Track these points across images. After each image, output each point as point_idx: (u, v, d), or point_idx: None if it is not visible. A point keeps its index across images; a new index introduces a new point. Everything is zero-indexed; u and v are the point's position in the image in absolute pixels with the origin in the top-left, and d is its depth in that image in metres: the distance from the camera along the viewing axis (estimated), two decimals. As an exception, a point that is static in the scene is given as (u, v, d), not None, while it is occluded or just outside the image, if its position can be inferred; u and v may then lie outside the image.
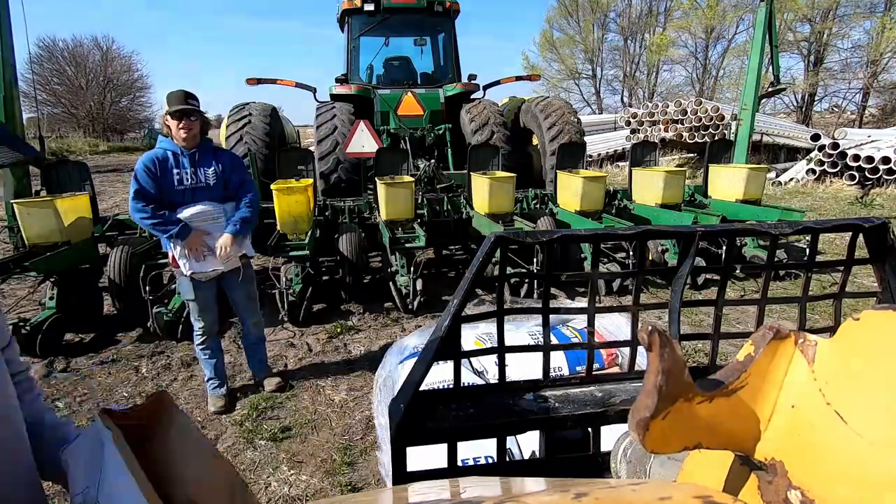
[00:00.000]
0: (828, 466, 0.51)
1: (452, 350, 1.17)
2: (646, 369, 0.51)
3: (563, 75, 29.49)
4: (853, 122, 19.63)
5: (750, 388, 0.57)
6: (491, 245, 1.06)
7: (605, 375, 1.33)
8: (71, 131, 30.84)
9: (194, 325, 3.01)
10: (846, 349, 0.55)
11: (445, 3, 7.18)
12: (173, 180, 2.75)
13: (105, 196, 11.49)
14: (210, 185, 2.83)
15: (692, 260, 1.18)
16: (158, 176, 2.72)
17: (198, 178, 2.80)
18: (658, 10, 26.59)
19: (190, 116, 2.71)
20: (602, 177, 5.40)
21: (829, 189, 11.10)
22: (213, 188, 2.85)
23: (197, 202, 2.80)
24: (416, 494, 0.62)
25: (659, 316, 4.20)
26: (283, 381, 3.32)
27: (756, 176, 5.61)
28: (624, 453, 0.96)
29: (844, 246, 1.29)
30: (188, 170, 2.77)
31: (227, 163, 2.90)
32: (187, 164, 2.77)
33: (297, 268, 4.43)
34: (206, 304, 2.97)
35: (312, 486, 2.42)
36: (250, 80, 7.08)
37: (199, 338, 3.02)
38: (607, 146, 16.98)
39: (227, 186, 2.91)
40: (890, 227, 1.12)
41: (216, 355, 3.11)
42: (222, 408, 3.05)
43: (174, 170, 2.75)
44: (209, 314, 3.00)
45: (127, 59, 34.96)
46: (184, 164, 2.77)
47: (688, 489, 0.46)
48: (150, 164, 2.70)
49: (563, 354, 2.42)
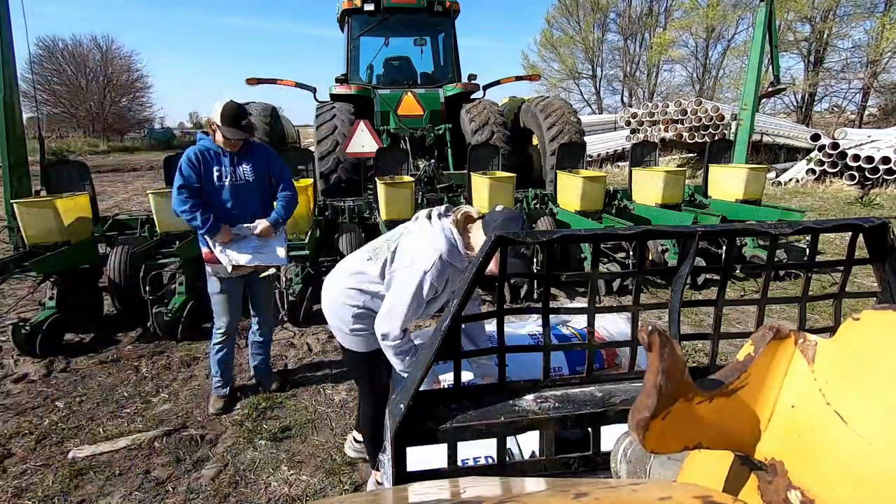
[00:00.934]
0: (828, 466, 0.51)
1: (452, 350, 1.17)
2: (646, 369, 0.51)
3: (562, 75, 29.52)
4: (853, 122, 19.63)
5: (750, 388, 0.57)
6: (491, 245, 1.06)
7: (605, 375, 1.33)
8: (71, 131, 30.87)
9: (216, 323, 3.04)
10: (846, 349, 0.55)
11: (445, 3, 7.18)
12: (213, 177, 2.83)
13: (105, 196, 11.48)
14: (249, 181, 2.92)
15: (692, 260, 1.18)
16: (201, 171, 2.80)
17: (237, 175, 2.88)
18: (658, 10, 26.63)
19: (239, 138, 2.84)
20: (602, 177, 5.40)
21: (829, 189, 11.10)
22: (253, 183, 2.93)
23: (238, 198, 2.90)
24: (416, 494, 0.62)
25: (659, 316, 4.20)
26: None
27: (756, 176, 5.61)
28: (624, 453, 0.96)
29: (844, 246, 1.29)
30: (227, 168, 2.86)
31: (264, 158, 2.98)
32: (227, 162, 2.86)
33: (297, 268, 4.43)
34: (233, 302, 3.02)
35: (312, 486, 2.42)
36: (250, 80, 7.08)
37: (219, 335, 3.04)
38: (607, 146, 16.98)
39: (267, 182, 3.01)
40: (890, 227, 1.12)
41: (229, 356, 3.12)
42: (221, 409, 3.05)
43: (214, 167, 2.83)
44: (234, 312, 3.04)
45: (127, 59, 35.05)
46: (224, 162, 2.86)
47: (688, 489, 0.46)
48: (194, 158, 2.78)
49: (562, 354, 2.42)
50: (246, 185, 2.92)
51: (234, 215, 2.91)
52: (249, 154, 2.93)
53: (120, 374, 3.56)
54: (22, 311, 4.55)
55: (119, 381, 3.45)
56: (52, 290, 4.04)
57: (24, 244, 4.18)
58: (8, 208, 4.29)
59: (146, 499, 2.35)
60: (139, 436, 2.80)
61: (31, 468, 2.56)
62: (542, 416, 1.15)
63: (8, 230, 4.56)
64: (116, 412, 3.08)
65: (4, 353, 3.83)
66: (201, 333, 4.05)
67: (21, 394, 3.30)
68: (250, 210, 2.96)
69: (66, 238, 4.15)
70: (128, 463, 2.60)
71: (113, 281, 4.18)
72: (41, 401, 3.21)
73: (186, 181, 2.76)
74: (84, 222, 4.42)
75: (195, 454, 2.65)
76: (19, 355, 3.74)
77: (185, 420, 2.99)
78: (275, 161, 3.05)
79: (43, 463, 2.60)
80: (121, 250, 4.21)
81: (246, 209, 2.95)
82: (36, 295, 4.66)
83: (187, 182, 2.76)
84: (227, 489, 2.41)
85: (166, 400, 3.22)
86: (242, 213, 2.94)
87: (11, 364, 3.68)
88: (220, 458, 2.64)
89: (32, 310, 4.50)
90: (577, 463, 1.22)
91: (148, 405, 3.15)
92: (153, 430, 2.86)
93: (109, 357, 3.78)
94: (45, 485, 2.43)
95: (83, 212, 4.43)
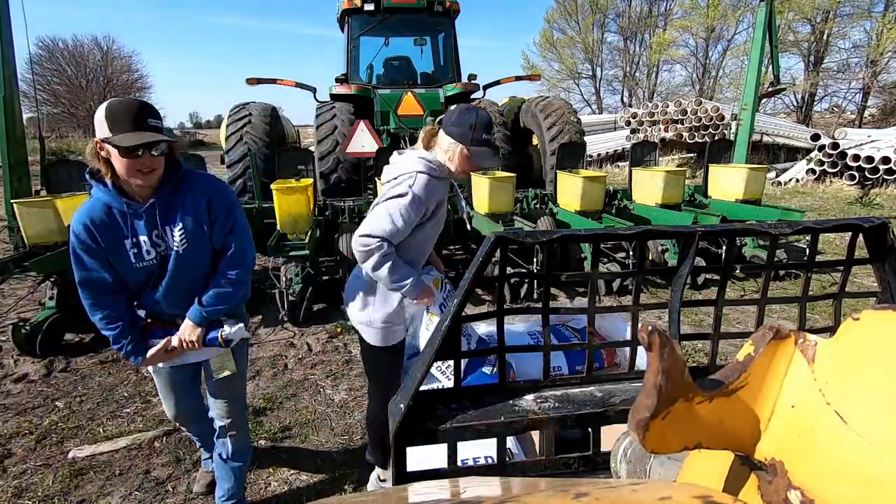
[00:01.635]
0: (828, 466, 0.51)
1: (452, 350, 1.17)
2: (646, 369, 0.51)
3: (562, 75, 29.52)
4: (853, 122, 19.63)
5: (750, 388, 0.57)
6: (491, 245, 1.06)
7: (605, 375, 1.33)
8: (71, 131, 30.81)
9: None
10: (846, 349, 0.55)
11: (445, 3, 7.18)
12: (128, 256, 1.68)
13: (105, 196, 11.48)
14: (183, 251, 1.72)
15: (692, 260, 1.18)
16: (103, 248, 1.67)
17: (166, 242, 1.71)
18: (658, 10, 26.62)
19: (151, 149, 1.56)
20: (602, 177, 5.40)
21: (829, 189, 11.10)
22: (194, 249, 1.74)
23: (172, 285, 1.77)
24: (416, 494, 0.62)
25: (659, 316, 4.20)
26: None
27: (756, 176, 5.61)
28: (624, 453, 0.96)
29: (844, 246, 1.29)
30: (146, 236, 1.68)
31: (204, 204, 1.73)
32: (143, 227, 1.67)
33: (297, 268, 4.43)
34: (175, 388, 2.02)
35: (312, 486, 2.42)
36: (250, 80, 7.08)
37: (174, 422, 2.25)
38: (607, 146, 16.98)
39: (212, 239, 1.78)
40: (890, 227, 1.12)
41: (207, 434, 2.20)
42: (207, 487, 2.35)
43: (125, 240, 1.67)
44: (180, 402, 2.06)
45: (127, 59, 35.06)
46: (137, 227, 1.67)
47: (688, 489, 0.46)
48: (85, 233, 1.64)
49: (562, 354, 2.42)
50: (181, 258, 1.73)
51: (169, 315, 1.84)
52: (180, 200, 1.70)
53: (120, 374, 3.56)
54: (22, 311, 4.55)
55: (119, 381, 3.45)
56: (52, 290, 4.04)
57: (24, 244, 4.18)
58: (8, 208, 4.29)
59: (146, 499, 2.35)
60: (139, 436, 2.80)
61: (31, 468, 2.56)
62: (542, 416, 1.15)
63: (8, 230, 4.56)
64: (116, 412, 3.08)
65: (4, 353, 3.83)
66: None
67: (21, 394, 3.30)
68: (193, 298, 1.81)
69: (66, 238, 4.14)
70: (128, 463, 2.60)
71: (113, 281, 4.17)
72: (41, 401, 3.21)
73: (85, 273, 1.70)
74: (84, 222, 4.41)
75: (195, 454, 2.65)
76: (19, 355, 3.74)
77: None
78: (221, 202, 1.76)
79: (43, 463, 2.60)
80: (121, 250, 4.20)
81: (184, 299, 1.80)
82: (36, 295, 4.66)
83: (88, 275, 1.70)
84: (227, 489, 2.41)
85: (166, 400, 3.22)
86: (181, 305, 1.81)
87: (11, 364, 3.68)
88: (220, 458, 2.64)
89: (32, 310, 4.50)
90: (577, 463, 1.22)
91: (148, 405, 3.15)
92: (153, 430, 2.86)
93: (109, 357, 3.78)
94: (45, 485, 2.43)
95: (83, 212, 4.42)
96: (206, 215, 1.74)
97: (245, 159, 5.87)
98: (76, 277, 1.72)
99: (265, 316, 4.51)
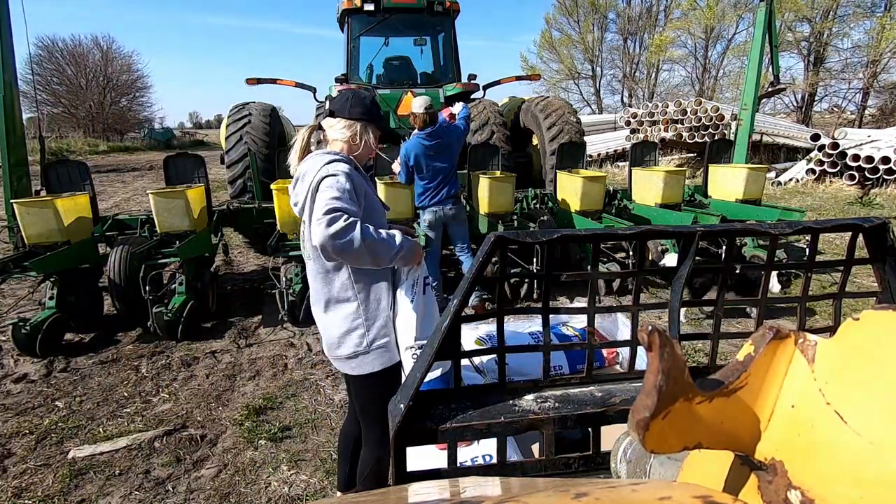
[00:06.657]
0: (828, 466, 0.51)
1: (452, 350, 1.17)
2: (646, 369, 0.51)
3: (562, 75, 29.50)
4: (853, 122, 19.62)
5: (750, 388, 0.57)
6: (491, 245, 1.06)
7: (605, 375, 1.33)
8: (71, 131, 30.80)
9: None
10: (846, 349, 0.55)
11: (445, 3, 7.18)
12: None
13: (105, 196, 11.48)
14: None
15: (692, 260, 1.18)
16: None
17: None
18: (658, 10, 26.61)
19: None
20: (602, 177, 5.40)
21: (829, 189, 11.10)
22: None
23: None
24: (416, 494, 0.62)
25: (659, 316, 4.20)
26: None
27: (756, 176, 5.61)
28: (624, 453, 0.96)
29: (844, 246, 1.29)
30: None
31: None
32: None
33: (297, 267, 4.43)
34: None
35: (312, 486, 2.42)
36: (250, 80, 7.08)
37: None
38: (607, 146, 16.98)
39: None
40: (890, 227, 1.12)
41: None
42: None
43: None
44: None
45: (127, 59, 35.04)
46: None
47: (688, 489, 0.46)
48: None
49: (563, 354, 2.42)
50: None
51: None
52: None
53: (120, 374, 3.56)
54: (22, 311, 4.55)
55: (119, 381, 3.45)
56: (52, 290, 4.04)
57: (24, 244, 4.18)
58: (8, 208, 4.29)
59: (146, 499, 2.35)
60: (139, 436, 2.80)
61: (31, 468, 2.56)
62: (542, 416, 1.15)
63: (8, 230, 4.56)
64: (116, 412, 3.08)
65: (4, 353, 3.83)
66: (201, 333, 4.05)
67: (21, 394, 3.30)
68: None
69: (66, 238, 4.15)
70: (128, 463, 2.60)
71: (113, 281, 4.17)
72: (41, 401, 3.21)
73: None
74: (84, 222, 4.42)
75: (195, 454, 2.65)
76: (19, 355, 3.74)
77: (185, 420, 2.99)
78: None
79: (43, 463, 2.60)
80: (121, 250, 4.21)
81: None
82: (36, 295, 4.66)
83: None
84: (227, 489, 2.41)
85: (166, 400, 3.22)
86: None
87: (11, 364, 3.68)
88: (220, 457, 2.64)
89: (32, 310, 4.50)
90: (577, 463, 1.22)
91: (148, 405, 3.15)
92: (153, 430, 2.86)
93: (109, 357, 3.78)
94: (45, 485, 2.43)
95: (83, 212, 4.42)
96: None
97: (245, 159, 5.86)
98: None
99: (265, 316, 4.51)
